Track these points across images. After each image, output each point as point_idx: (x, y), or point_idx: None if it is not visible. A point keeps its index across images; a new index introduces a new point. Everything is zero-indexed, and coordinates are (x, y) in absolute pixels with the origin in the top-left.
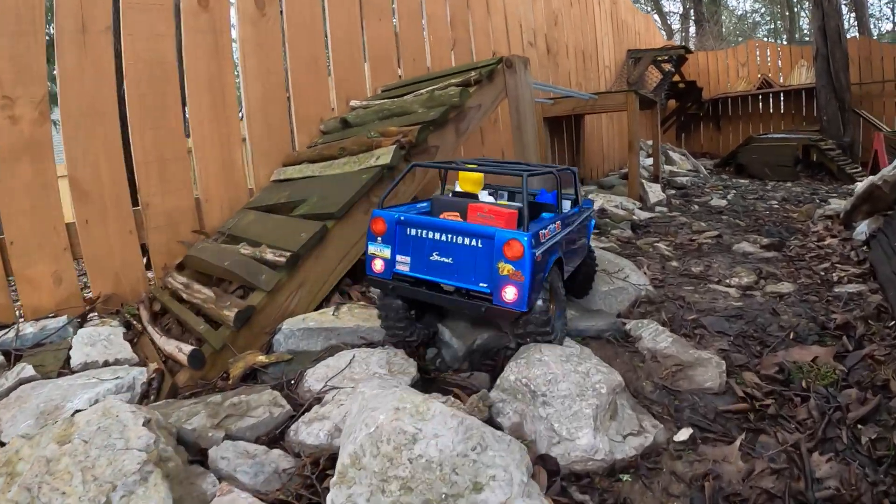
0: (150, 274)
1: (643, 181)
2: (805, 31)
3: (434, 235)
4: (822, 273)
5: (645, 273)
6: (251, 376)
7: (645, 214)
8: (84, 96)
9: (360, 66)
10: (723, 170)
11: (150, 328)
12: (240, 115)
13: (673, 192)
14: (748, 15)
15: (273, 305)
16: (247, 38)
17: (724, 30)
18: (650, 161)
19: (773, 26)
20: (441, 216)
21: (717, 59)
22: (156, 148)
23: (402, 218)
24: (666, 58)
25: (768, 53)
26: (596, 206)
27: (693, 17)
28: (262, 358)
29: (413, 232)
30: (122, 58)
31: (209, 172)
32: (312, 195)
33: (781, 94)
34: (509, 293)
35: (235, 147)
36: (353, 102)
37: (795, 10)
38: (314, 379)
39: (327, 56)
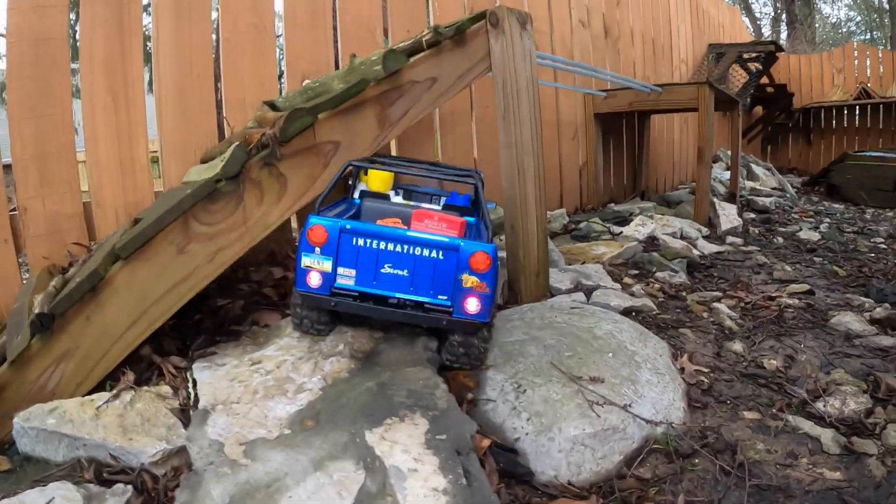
0: None
1: (715, 200)
2: None
3: (387, 246)
4: None
5: (681, 370)
6: None
7: (710, 247)
8: None
9: (327, 38)
10: (812, 189)
11: None
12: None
13: (752, 216)
14: (842, 24)
15: (21, 381)
16: (163, 5)
17: (816, 37)
18: (728, 174)
19: (868, 36)
20: (378, 223)
21: (811, 64)
22: (37, 142)
23: (349, 227)
24: (753, 55)
25: (868, 59)
26: (644, 233)
27: (785, 20)
28: None
29: (360, 242)
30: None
31: (102, 171)
32: (152, 212)
33: (881, 107)
34: (472, 305)
35: (138, 140)
36: (307, 82)
37: None
38: None
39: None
